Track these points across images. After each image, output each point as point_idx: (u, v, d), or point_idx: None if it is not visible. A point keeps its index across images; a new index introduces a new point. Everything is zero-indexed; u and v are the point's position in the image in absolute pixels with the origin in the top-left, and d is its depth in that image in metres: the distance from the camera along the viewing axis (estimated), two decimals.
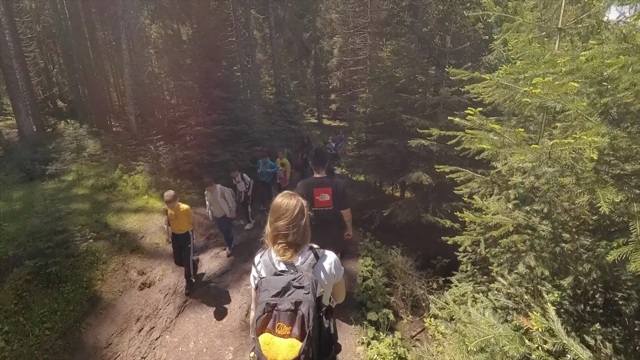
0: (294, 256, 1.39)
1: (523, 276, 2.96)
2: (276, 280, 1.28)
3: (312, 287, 1.25)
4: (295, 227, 1.41)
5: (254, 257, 1.49)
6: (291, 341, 1.16)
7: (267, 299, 1.22)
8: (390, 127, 6.47)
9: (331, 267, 1.47)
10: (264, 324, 1.20)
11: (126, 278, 4.91)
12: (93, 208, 7.10)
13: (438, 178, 4.87)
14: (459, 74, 3.01)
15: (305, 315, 1.18)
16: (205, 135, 7.30)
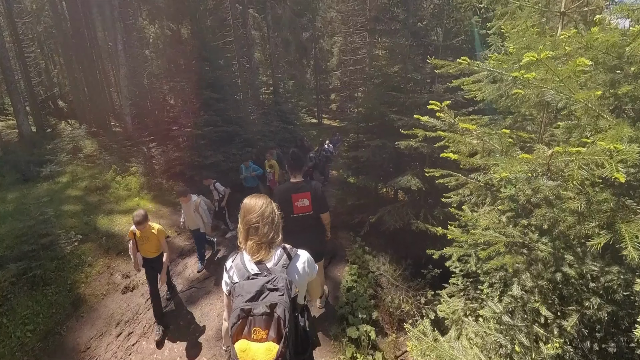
0: (267, 256, 1.38)
1: (517, 300, 2.65)
2: (250, 284, 1.26)
3: (287, 288, 1.25)
4: (265, 219, 1.41)
5: (226, 262, 1.46)
6: (268, 345, 1.15)
7: (241, 304, 1.21)
8: (382, 127, 6.37)
9: (305, 266, 1.46)
10: (239, 330, 1.18)
11: (110, 281, 4.88)
12: (84, 210, 7.10)
13: (429, 182, 4.76)
14: (444, 66, 2.77)
15: (282, 317, 1.18)
16: (196, 137, 7.25)
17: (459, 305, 3.85)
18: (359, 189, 6.06)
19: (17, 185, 9.13)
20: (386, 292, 4.34)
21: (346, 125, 7.10)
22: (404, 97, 5.35)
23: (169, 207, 7.38)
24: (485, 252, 2.47)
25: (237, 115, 8.59)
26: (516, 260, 2.54)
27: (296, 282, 1.40)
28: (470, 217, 3.07)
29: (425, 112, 5.46)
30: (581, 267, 1.82)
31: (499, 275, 3.28)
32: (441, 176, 4.23)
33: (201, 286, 4.47)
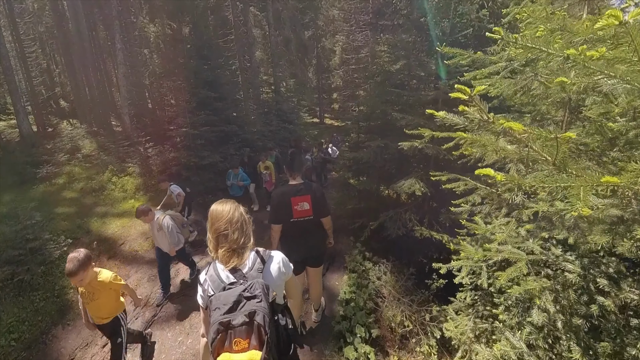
0: (240, 262, 1.35)
1: (540, 330, 2.32)
2: (226, 295, 1.23)
3: (264, 294, 1.23)
4: (234, 225, 1.38)
5: (199, 276, 1.41)
6: (250, 353, 1.14)
7: (220, 318, 1.17)
8: (384, 127, 6.12)
9: (280, 267, 1.44)
10: (219, 345, 1.16)
11: None
12: (78, 212, 6.94)
13: (435, 186, 4.50)
14: (456, 55, 2.48)
15: (262, 324, 1.17)
16: (193, 137, 7.06)
17: (467, 324, 3.55)
18: (360, 191, 5.82)
19: (14, 187, 9.01)
20: (387, 306, 4.10)
21: (347, 125, 6.85)
22: (408, 94, 5.09)
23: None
24: (505, 274, 2.16)
25: (236, 115, 8.39)
26: (542, 284, 2.24)
27: (273, 284, 1.37)
28: (484, 229, 2.78)
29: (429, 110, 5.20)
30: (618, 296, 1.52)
31: (515, 296, 2.99)
32: (448, 180, 3.95)
33: (192, 294, 4.24)
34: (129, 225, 6.33)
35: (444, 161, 4.92)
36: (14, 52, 19.26)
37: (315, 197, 2.82)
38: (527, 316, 2.58)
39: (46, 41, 23.31)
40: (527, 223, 3.03)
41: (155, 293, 4.40)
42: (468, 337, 3.41)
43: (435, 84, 5.73)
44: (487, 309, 3.62)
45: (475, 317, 3.52)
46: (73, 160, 10.69)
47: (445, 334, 3.79)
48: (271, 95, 13.11)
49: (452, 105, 5.06)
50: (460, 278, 3.15)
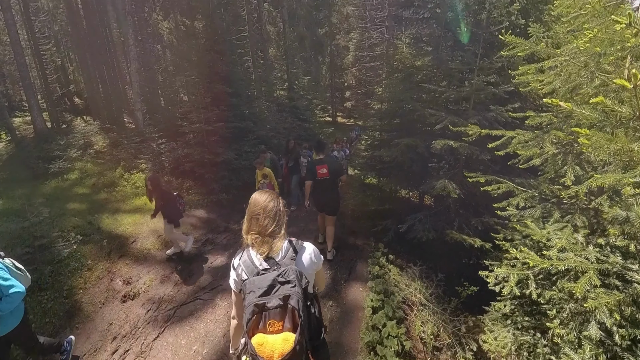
0: (272, 250, 1.39)
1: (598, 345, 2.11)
2: (260, 279, 1.27)
3: (298, 280, 1.28)
4: (267, 212, 1.43)
5: (232, 260, 1.47)
6: (284, 335, 1.19)
7: (255, 300, 1.22)
8: (408, 124, 5.75)
9: (312, 257, 1.49)
10: (254, 325, 1.21)
11: (110, 287, 4.45)
12: (89, 209, 6.75)
13: (466, 187, 4.12)
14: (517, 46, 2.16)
15: (296, 308, 1.21)
16: (207, 133, 6.81)
17: (507, 336, 3.25)
18: (382, 192, 5.47)
19: (26, 182, 8.93)
20: (417, 315, 3.75)
21: (368, 122, 6.50)
22: (441, 90, 4.71)
23: None
24: (578, 285, 1.87)
25: (251, 111, 8.12)
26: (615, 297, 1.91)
27: (305, 273, 1.39)
28: (540, 235, 2.43)
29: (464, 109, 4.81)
30: None
31: (569, 308, 2.67)
32: (486, 182, 3.62)
33: (207, 298, 3.97)
34: (140, 223, 6.11)
35: (476, 161, 4.55)
36: (29, 50, 19.47)
37: (330, 164, 4.30)
38: (583, 330, 2.33)
39: (61, 39, 23.55)
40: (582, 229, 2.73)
41: (168, 295, 4.13)
42: (509, 351, 3.12)
43: (462, 82, 5.35)
44: (526, 319, 3.31)
45: (514, 329, 3.23)
46: (85, 156, 10.61)
47: (483, 346, 3.49)
48: (285, 92, 12.83)
49: (485, 103, 4.67)
50: (509, 288, 2.81)
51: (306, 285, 1.32)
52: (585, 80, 2.46)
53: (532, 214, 2.87)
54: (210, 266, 4.66)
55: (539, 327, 3.06)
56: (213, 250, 5.15)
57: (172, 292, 4.18)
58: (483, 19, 4.64)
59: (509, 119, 4.17)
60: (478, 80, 4.05)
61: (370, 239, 5.32)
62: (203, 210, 6.76)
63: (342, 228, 5.64)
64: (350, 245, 5.26)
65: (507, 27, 5.38)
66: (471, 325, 3.72)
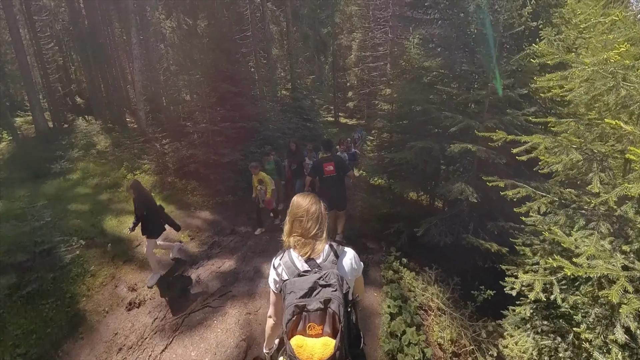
0: (314, 252, 1.38)
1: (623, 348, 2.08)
2: (301, 281, 1.27)
3: (339, 284, 1.25)
4: (310, 215, 1.43)
5: (273, 260, 1.46)
6: (325, 339, 1.17)
7: (295, 301, 1.22)
8: (419, 126, 5.58)
9: (352, 263, 1.46)
10: (294, 326, 1.20)
11: (114, 294, 4.29)
12: (92, 210, 6.60)
13: (481, 191, 3.97)
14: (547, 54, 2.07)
15: (337, 312, 1.18)
16: (212, 133, 6.65)
17: (527, 341, 3.18)
18: (393, 194, 5.31)
19: (28, 182, 8.78)
20: (434, 321, 3.59)
21: (376, 123, 6.33)
22: (456, 92, 4.55)
23: (182, 208, 6.80)
24: (613, 292, 1.87)
25: (256, 111, 7.96)
26: None
27: (346, 278, 1.37)
28: (568, 242, 2.31)
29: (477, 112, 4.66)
30: None
31: (594, 312, 2.62)
32: (506, 186, 3.52)
33: (217, 305, 3.81)
34: None
35: (491, 165, 4.39)
36: (31, 49, 19.33)
37: (337, 162, 4.48)
38: (609, 334, 2.37)
39: (62, 38, 23.41)
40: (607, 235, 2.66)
41: (175, 303, 3.97)
42: (531, 356, 3.04)
43: (470, 85, 5.19)
44: (544, 323, 3.22)
45: (534, 333, 3.15)
46: (87, 156, 10.47)
47: (503, 352, 3.39)
48: (288, 92, 12.67)
49: (499, 106, 4.51)
50: (535, 294, 2.69)
51: (347, 291, 1.30)
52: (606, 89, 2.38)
53: (556, 221, 2.73)
54: (219, 271, 4.49)
55: (558, 331, 3.01)
56: (220, 253, 4.99)
57: (180, 299, 4.02)
58: (499, 20, 4.48)
59: (523, 122, 4.03)
60: (496, 83, 3.89)
61: (380, 242, 5.15)
62: (208, 212, 6.60)
63: (351, 230, 5.49)
64: (360, 248, 5.09)
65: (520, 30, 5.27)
66: (490, 330, 3.57)
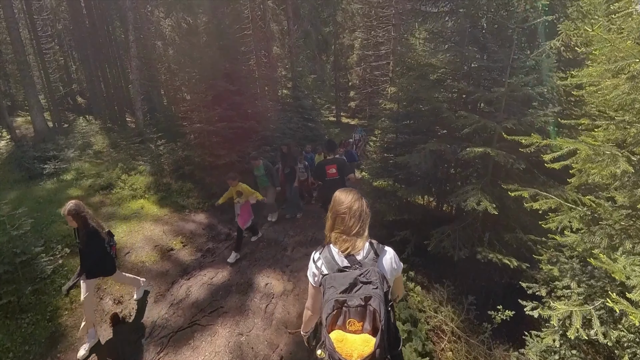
0: (354, 249, 1.38)
1: None
2: (342, 276, 1.27)
3: (380, 282, 1.24)
4: (352, 212, 1.42)
5: (313, 254, 1.48)
6: (365, 336, 1.16)
7: (336, 295, 1.22)
8: (427, 127, 5.23)
9: (392, 262, 1.44)
10: (333, 321, 1.20)
11: (99, 307, 3.99)
12: None
13: (497, 198, 3.62)
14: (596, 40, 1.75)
15: (377, 310, 1.18)
16: (208, 134, 6.35)
17: None
18: (400, 200, 4.94)
19: (21, 183, 8.54)
20: (447, 347, 3.25)
21: (380, 123, 5.97)
22: (469, 90, 4.19)
23: (176, 212, 6.51)
24: None
25: (255, 111, 7.65)
26: None
27: (386, 276, 1.34)
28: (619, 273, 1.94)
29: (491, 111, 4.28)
30: None
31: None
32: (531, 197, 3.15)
33: (206, 323, 3.49)
34: (136, 230, 5.65)
35: (508, 170, 4.00)
36: (32, 49, 19.18)
37: (339, 165, 4.41)
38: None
39: (64, 38, 23.27)
40: None
41: (162, 319, 3.66)
42: None
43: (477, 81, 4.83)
44: (573, 352, 2.87)
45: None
46: (83, 156, 10.22)
47: None
48: (289, 91, 12.35)
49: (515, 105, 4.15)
50: (574, 331, 2.31)
51: (387, 290, 1.27)
52: None
53: (595, 242, 2.36)
54: (211, 282, 4.18)
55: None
56: (214, 263, 4.68)
57: (167, 315, 3.71)
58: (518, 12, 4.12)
59: (542, 124, 3.67)
60: (517, 80, 3.52)
61: None
62: (203, 215, 6.31)
63: None
64: None
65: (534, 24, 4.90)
66: None
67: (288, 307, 3.60)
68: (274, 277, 4.13)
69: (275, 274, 4.19)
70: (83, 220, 3.12)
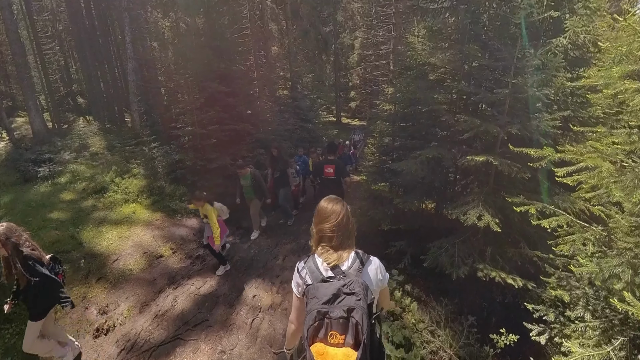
0: (340, 260, 1.36)
1: None
2: (325, 287, 1.24)
3: (364, 293, 1.21)
4: (341, 230, 1.40)
5: (297, 263, 1.45)
6: (346, 350, 1.13)
7: (318, 306, 1.19)
8: (425, 130, 5.02)
9: (378, 272, 1.41)
10: (315, 333, 1.17)
11: (83, 317, 3.88)
12: (74, 218, 6.22)
13: (500, 210, 3.42)
14: None
15: (360, 323, 1.14)
16: (201, 136, 6.23)
17: None
18: (396, 209, 4.71)
19: (16, 186, 8.46)
20: None
21: (377, 126, 5.80)
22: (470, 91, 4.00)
23: (168, 216, 6.39)
24: None
25: (250, 112, 7.51)
26: None
27: (371, 287, 1.31)
28: None
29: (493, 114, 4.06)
30: None
31: None
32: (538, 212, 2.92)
33: (189, 338, 3.37)
34: (126, 236, 5.55)
35: (515, 180, 3.62)
36: (30, 50, 19.18)
37: (337, 166, 4.76)
38: None
39: (65, 38, 23.27)
40: None
41: (146, 331, 3.54)
42: None
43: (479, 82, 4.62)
44: None
45: None
46: (79, 158, 10.14)
47: None
48: (288, 92, 12.20)
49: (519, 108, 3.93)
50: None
51: (371, 302, 1.25)
52: None
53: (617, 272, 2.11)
54: (198, 293, 4.06)
55: None
56: (202, 271, 4.55)
57: (151, 327, 3.60)
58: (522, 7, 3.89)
59: (549, 129, 3.43)
60: (521, 80, 3.32)
61: (381, 260, 4.62)
62: (195, 220, 6.19)
63: None
64: None
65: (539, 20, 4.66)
66: None
67: (274, 323, 3.46)
68: (262, 288, 3.99)
69: (265, 284, 4.06)
70: (14, 247, 2.54)
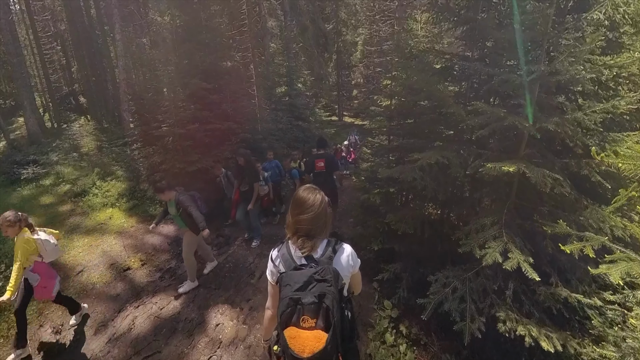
0: (313, 249, 1.39)
1: None
2: (297, 274, 1.29)
3: (334, 280, 1.27)
4: (319, 221, 1.42)
5: (271, 252, 1.48)
6: (317, 332, 1.19)
7: (290, 293, 1.24)
8: (427, 127, 4.09)
9: (349, 259, 1.44)
10: (288, 318, 1.22)
11: (36, 336, 3.50)
12: (46, 225, 5.85)
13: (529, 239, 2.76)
14: None
15: (330, 307, 1.20)
16: (180, 137, 5.81)
17: None
18: (389, 227, 3.96)
19: (1, 189, 8.22)
20: None
21: (372, 124, 5.25)
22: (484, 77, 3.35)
23: (144, 222, 6.00)
24: None
25: (237, 111, 7.07)
26: None
27: (342, 274, 1.36)
28: None
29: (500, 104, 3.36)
30: None
31: None
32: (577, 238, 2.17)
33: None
34: (95, 245, 5.17)
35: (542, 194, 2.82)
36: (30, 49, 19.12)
37: (328, 159, 4.95)
38: None
39: (67, 38, 23.21)
40: None
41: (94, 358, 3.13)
42: None
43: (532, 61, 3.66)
44: None
45: None
46: (68, 159, 9.86)
47: None
48: (283, 89, 11.73)
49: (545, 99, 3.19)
50: None
51: (342, 287, 1.31)
52: None
53: None
54: (159, 315, 3.61)
55: None
56: (169, 287, 4.10)
57: (101, 353, 3.18)
58: None
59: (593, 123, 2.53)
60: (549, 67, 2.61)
61: (371, 284, 3.92)
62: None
63: None
64: None
65: None
66: None
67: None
68: (228, 315, 3.50)
69: (231, 311, 3.56)
70: None
